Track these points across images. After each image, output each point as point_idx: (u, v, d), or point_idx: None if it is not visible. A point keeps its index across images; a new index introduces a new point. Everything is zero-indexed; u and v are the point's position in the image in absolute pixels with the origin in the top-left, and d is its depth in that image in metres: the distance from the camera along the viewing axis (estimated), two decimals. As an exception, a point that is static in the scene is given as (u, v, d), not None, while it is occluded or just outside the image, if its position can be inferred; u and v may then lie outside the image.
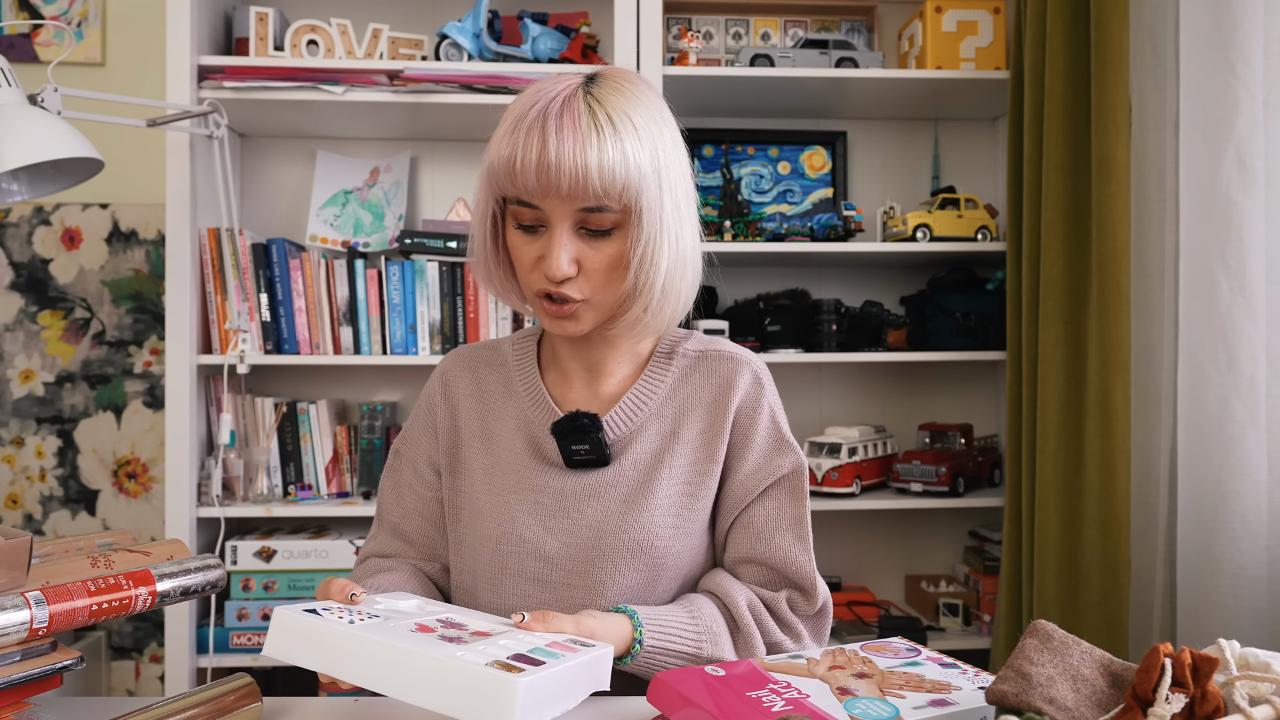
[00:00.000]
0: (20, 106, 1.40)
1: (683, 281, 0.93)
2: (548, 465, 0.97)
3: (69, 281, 2.17)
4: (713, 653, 0.90)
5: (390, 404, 2.15)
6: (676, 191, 0.91)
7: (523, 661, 0.69)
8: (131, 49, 2.19)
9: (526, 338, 1.06)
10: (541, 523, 0.95)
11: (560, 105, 0.86)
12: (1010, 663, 0.69)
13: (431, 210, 2.20)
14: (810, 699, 0.72)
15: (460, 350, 1.08)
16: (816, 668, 0.80)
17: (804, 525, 0.98)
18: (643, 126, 0.87)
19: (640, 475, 0.96)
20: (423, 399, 1.07)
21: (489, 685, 0.65)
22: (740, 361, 1.00)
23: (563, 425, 0.95)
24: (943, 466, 2.02)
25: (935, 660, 0.83)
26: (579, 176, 0.84)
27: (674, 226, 0.90)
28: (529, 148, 0.84)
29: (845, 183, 2.24)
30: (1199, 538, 1.45)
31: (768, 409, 1.00)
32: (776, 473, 0.97)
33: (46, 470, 2.17)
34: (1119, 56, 1.58)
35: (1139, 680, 0.61)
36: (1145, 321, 1.59)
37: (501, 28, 1.99)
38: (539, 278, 0.90)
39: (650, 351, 1.02)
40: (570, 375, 1.01)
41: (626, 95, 0.88)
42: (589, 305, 0.91)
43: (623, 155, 0.85)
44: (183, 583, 0.74)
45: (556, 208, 0.87)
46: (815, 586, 0.97)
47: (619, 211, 0.87)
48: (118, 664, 2.18)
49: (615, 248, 0.89)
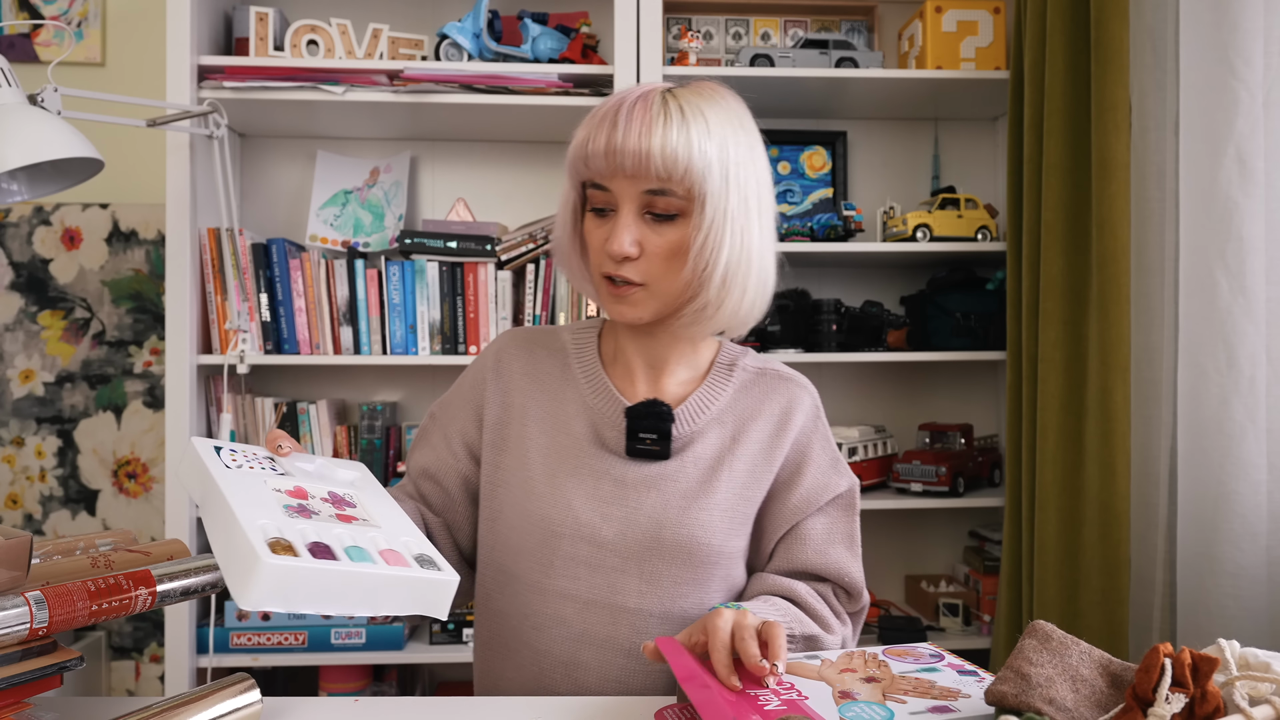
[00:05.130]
0: (20, 106, 1.40)
1: (746, 279, 0.95)
2: (607, 452, 0.99)
3: (69, 281, 2.17)
4: (801, 631, 0.94)
5: (390, 404, 2.15)
6: (746, 189, 0.93)
7: (324, 556, 0.67)
8: (131, 49, 2.19)
9: (586, 329, 1.08)
10: (599, 509, 0.96)
11: (636, 98, 0.91)
12: (1009, 663, 0.68)
13: (431, 210, 2.20)
14: (808, 700, 0.72)
15: (517, 331, 1.10)
16: (827, 669, 0.80)
17: (855, 540, 1.04)
18: (715, 122, 0.91)
19: (701, 474, 0.98)
20: (470, 374, 1.08)
21: (245, 554, 0.64)
22: (801, 386, 1.06)
23: (639, 409, 0.97)
24: (943, 466, 2.02)
25: (955, 667, 0.82)
26: (642, 156, 0.88)
27: (739, 221, 0.92)
28: (600, 132, 0.90)
29: (845, 183, 2.24)
30: (1199, 538, 1.45)
31: (824, 433, 1.06)
32: (834, 490, 1.02)
33: (46, 470, 2.17)
34: (1119, 56, 1.58)
35: (1139, 680, 0.61)
36: (1145, 321, 1.59)
37: (501, 28, 1.99)
38: (603, 259, 0.94)
39: (710, 361, 1.05)
40: (633, 370, 1.03)
41: (705, 97, 0.93)
42: (648, 291, 0.94)
43: (687, 140, 0.89)
44: (183, 583, 0.74)
45: (624, 188, 0.91)
46: (861, 593, 1.03)
47: (683, 198, 0.91)
48: (118, 664, 2.18)
49: (677, 234, 0.92)
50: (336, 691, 1.95)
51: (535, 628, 0.97)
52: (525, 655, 0.98)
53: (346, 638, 1.89)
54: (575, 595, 0.96)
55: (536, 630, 0.97)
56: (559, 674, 0.96)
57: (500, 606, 1.01)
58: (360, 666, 1.95)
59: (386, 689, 2.04)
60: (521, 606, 0.98)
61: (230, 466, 0.76)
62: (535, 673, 0.97)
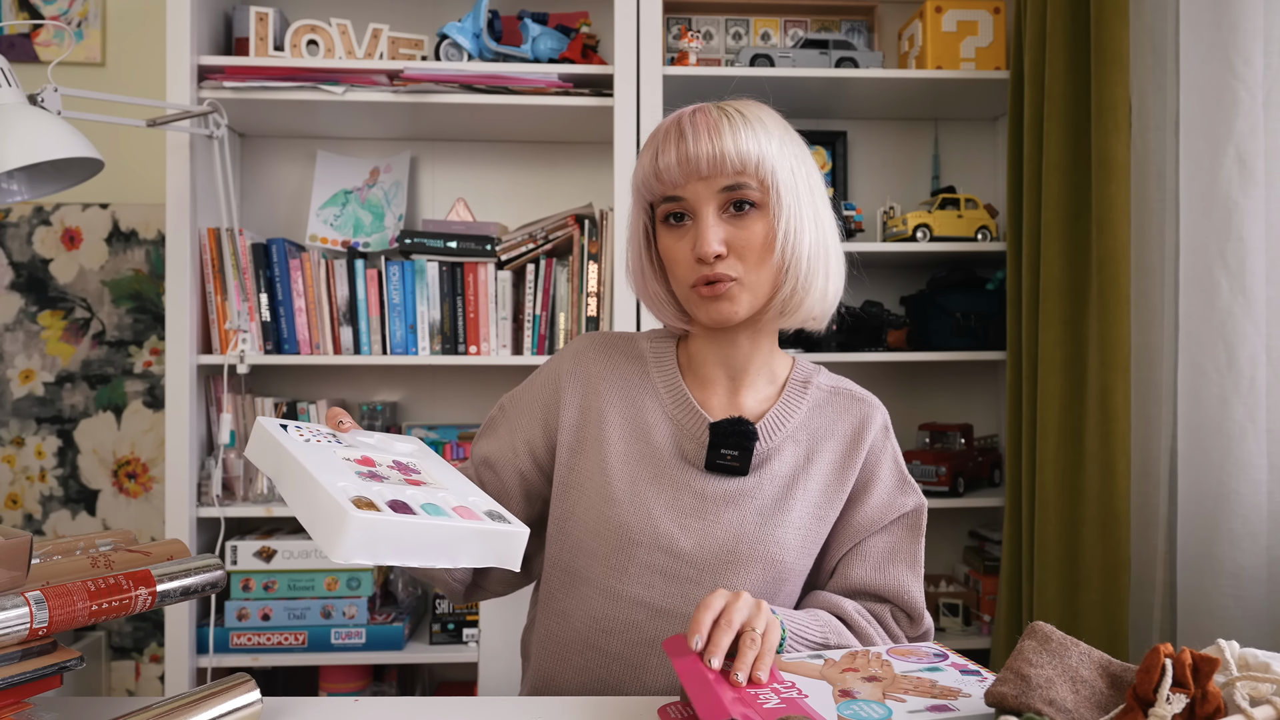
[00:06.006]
0: (20, 106, 1.40)
1: (828, 264, 0.99)
2: (687, 465, 1.00)
3: (69, 281, 2.17)
4: (838, 642, 0.94)
5: (390, 404, 2.15)
6: (812, 181, 0.98)
7: (403, 511, 0.72)
8: (131, 49, 2.19)
9: (664, 338, 1.08)
10: (678, 520, 0.97)
11: (691, 111, 0.96)
12: (1009, 664, 0.68)
13: (431, 210, 2.20)
14: (808, 699, 0.72)
15: (596, 335, 1.11)
16: (829, 669, 0.80)
17: (918, 561, 1.03)
18: (770, 124, 0.96)
19: (777, 491, 0.99)
20: (545, 373, 1.08)
21: (332, 512, 0.68)
22: (873, 405, 1.07)
23: (724, 427, 0.98)
24: (943, 466, 2.02)
25: (958, 667, 0.81)
26: (716, 154, 0.92)
27: (812, 210, 0.97)
28: (668, 146, 0.94)
29: (845, 183, 2.24)
30: (1199, 538, 1.45)
31: (893, 451, 1.06)
32: (900, 509, 1.03)
33: (46, 470, 2.17)
34: (1119, 56, 1.58)
35: (1140, 680, 0.61)
36: (1145, 321, 1.59)
37: (501, 28, 1.99)
38: (692, 268, 0.95)
39: (786, 377, 1.06)
40: (711, 383, 1.03)
41: (753, 106, 0.98)
42: (742, 286, 0.95)
43: (754, 134, 0.93)
44: (183, 583, 0.74)
45: (700, 192, 0.93)
46: (923, 616, 1.02)
47: (758, 189, 0.93)
48: (118, 664, 2.18)
49: (761, 225, 0.94)
50: (336, 691, 1.95)
51: (604, 631, 0.98)
52: (590, 656, 0.99)
53: (346, 638, 1.89)
54: (648, 602, 0.97)
55: (605, 634, 0.98)
56: (626, 675, 0.98)
57: (565, 607, 1.01)
58: (360, 666, 1.95)
59: (386, 689, 2.04)
60: (590, 609, 0.99)
61: (309, 441, 0.81)
62: (601, 674, 0.98)
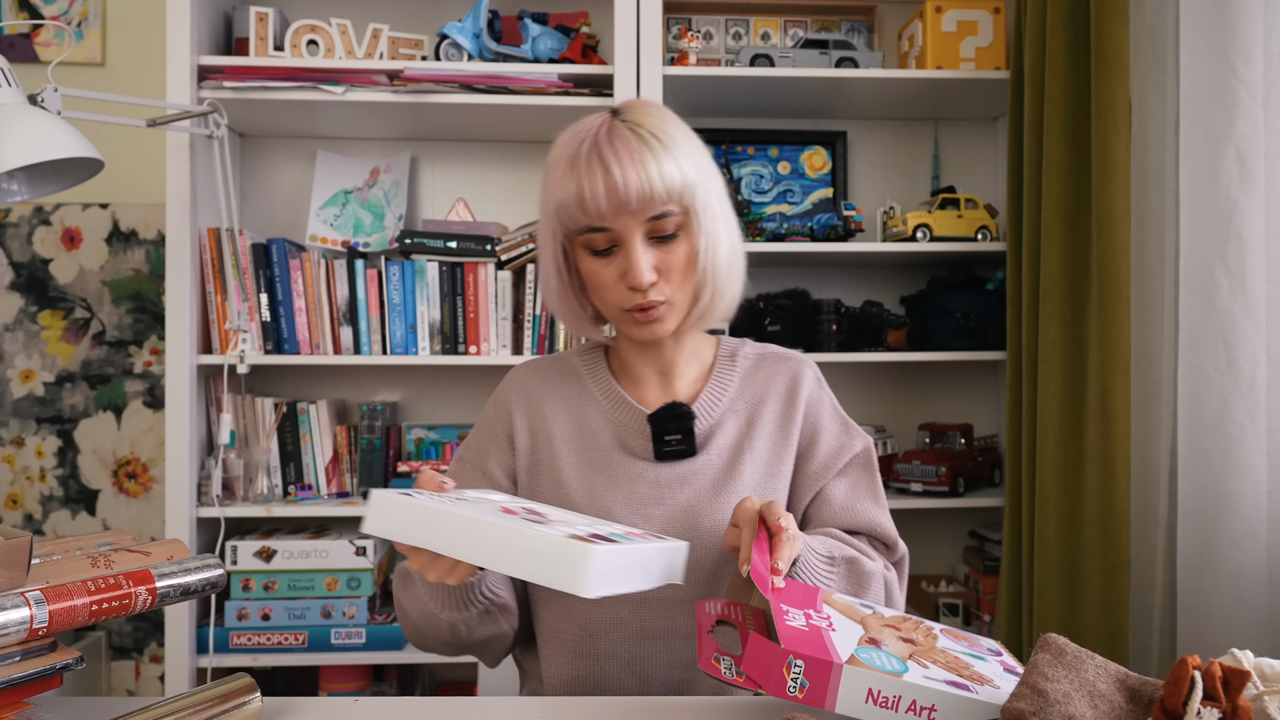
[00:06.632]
0: (20, 106, 1.39)
1: (734, 267, 1.04)
2: (636, 459, 1.04)
3: (69, 281, 2.17)
4: (842, 554, 0.96)
5: (390, 404, 2.15)
6: (720, 188, 1.02)
7: (599, 540, 0.74)
8: (131, 49, 2.19)
9: (592, 349, 1.14)
10: (639, 511, 1.01)
11: (605, 135, 0.95)
12: (1024, 679, 0.66)
13: (431, 210, 2.20)
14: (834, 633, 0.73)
15: (527, 364, 1.15)
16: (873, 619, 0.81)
17: (880, 494, 1.08)
18: (679, 139, 0.98)
19: (725, 462, 1.04)
20: (491, 410, 1.12)
21: (569, 553, 0.71)
22: (802, 361, 1.12)
23: (661, 415, 1.03)
24: (943, 466, 2.02)
25: (1006, 666, 0.79)
26: (645, 189, 0.93)
27: (724, 218, 1.01)
28: (593, 177, 0.93)
29: (845, 183, 2.24)
30: (1199, 538, 1.45)
31: (829, 400, 1.11)
32: (850, 452, 1.07)
33: (46, 470, 2.17)
34: (1119, 56, 1.58)
35: (1168, 694, 0.60)
36: (1145, 321, 1.59)
37: (501, 28, 1.99)
38: (623, 294, 0.98)
39: (714, 356, 1.11)
40: (644, 381, 1.09)
41: (654, 117, 0.98)
42: (670, 306, 1.00)
43: (675, 161, 0.95)
44: (183, 583, 0.74)
45: (627, 223, 0.95)
46: (897, 543, 1.07)
47: (681, 214, 0.97)
48: (118, 664, 2.18)
49: (685, 246, 0.98)
50: (336, 691, 1.95)
51: (591, 635, 0.99)
52: (583, 663, 1.00)
53: (346, 638, 1.89)
54: (629, 597, 0.98)
55: (593, 638, 0.99)
56: (624, 672, 0.99)
57: (552, 624, 1.03)
58: (360, 666, 1.95)
59: (386, 689, 2.04)
60: (576, 619, 1.00)
61: (452, 503, 0.79)
62: (597, 677, 1.00)
